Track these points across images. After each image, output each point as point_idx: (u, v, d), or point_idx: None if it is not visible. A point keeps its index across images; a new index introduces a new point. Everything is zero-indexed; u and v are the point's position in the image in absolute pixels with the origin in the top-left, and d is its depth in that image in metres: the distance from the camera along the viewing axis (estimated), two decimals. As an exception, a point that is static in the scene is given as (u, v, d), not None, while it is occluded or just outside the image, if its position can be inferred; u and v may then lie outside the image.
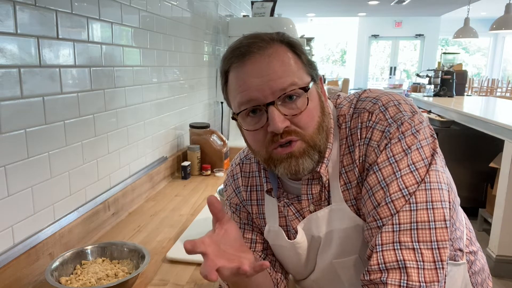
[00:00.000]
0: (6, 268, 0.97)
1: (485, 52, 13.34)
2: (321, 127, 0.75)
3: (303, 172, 0.75)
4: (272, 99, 0.71)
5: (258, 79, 0.71)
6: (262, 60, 0.71)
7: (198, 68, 2.43)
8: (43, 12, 1.08)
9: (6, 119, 0.98)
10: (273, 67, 0.71)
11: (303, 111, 0.72)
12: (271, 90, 0.71)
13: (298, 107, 0.72)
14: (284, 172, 0.75)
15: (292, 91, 0.71)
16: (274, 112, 0.70)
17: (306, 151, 0.74)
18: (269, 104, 0.71)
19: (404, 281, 0.64)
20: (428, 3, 8.55)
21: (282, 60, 0.72)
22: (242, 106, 0.73)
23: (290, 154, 0.73)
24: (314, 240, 0.83)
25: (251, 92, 0.71)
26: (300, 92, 0.72)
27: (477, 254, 0.91)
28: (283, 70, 0.71)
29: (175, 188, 1.89)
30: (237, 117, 0.76)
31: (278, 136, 0.72)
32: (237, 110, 0.75)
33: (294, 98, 0.72)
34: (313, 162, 0.75)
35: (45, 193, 1.13)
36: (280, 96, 0.71)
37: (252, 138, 0.76)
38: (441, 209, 0.68)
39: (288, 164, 0.74)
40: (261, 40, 0.73)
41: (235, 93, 0.74)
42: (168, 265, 1.18)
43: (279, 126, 0.70)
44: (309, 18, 11.68)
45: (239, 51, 0.73)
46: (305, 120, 0.73)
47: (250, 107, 0.73)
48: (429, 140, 0.73)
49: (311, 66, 0.77)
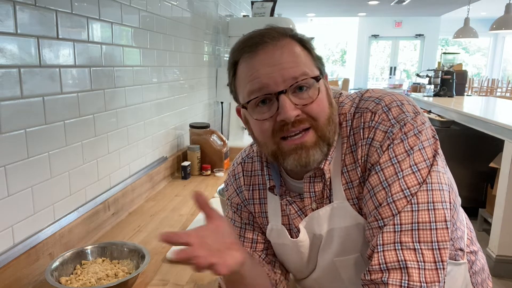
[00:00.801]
0: (6, 268, 0.97)
1: (485, 52, 13.35)
2: (331, 119, 0.75)
3: (312, 164, 0.74)
4: (284, 88, 0.71)
5: (270, 68, 0.71)
6: (275, 50, 0.72)
7: (198, 68, 2.43)
8: (43, 12, 1.08)
9: (6, 119, 0.98)
10: (285, 57, 0.72)
11: (314, 100, 0.72)
12: (283, 78, 0.71)
13: (310, 96, 0.72)
14: (294, 164, 0.74)
15: (304, 81, 0.72)
16: (285, 100, 0.70)
17: (317, 142, 0.74)
18: (280, 93, 0.71)
19: (405, 281, 0.64)
20: (428, 3, 8.55)
21: (294, 51, 0.73)
22: (253, 94, 0.73)
23: (301, 145, 0.73)
24: (315, 238, 0.83)
25: (262, 79, 0.71)
26: (311, 82, 0.72)
27: (478, 254, 0.92)
28: (295, 61, 0.72)
29: (175, 188, 1.89)
30: (247, 106, 0.75)
31: (289, 125, 0.71)
32: (246, 99, 0.75)
33: (305, 89, 0.72)
34: (323, 154, 0.75)
35: (45, 193, 1.13)
36: (292, 85, 0.71)
37: (260, 128, 0.76)
38: (442, 210, 0.68)
39: (298, 155, 0.73)
40: (273, 31, 0.75)
41: (245, 82, 0.74)
42: (168, 265, 1.18)
43: (291, 114, 0.70)
44: (309, 18, 11.68)
45: (252, 41, 0.74)
46: (317, 109, 0.72)
47: (262, 95, 0.72)
48: (431, 141, 0.73)
49: (320, 62, 0.78)
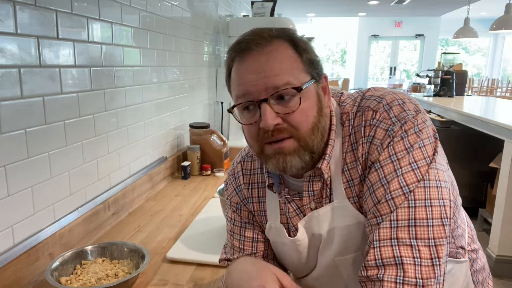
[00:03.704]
0: (6, 268, 0.97)
1: (485, 52, 13.35)
2: (316, 127, 0.75)
3: (290, 170, 0.76)
4: (265, 96, 0.72)
5: (254, 75, 0.73)
6: (260, 57, 0.73)
7: (198, 68, 2.43)
8: (43, 12, 1.08)
9: (6, 119, 0.98)
10: (270, 65, 0.72)
11: (296, 110, 0.73)
12: (265, 87, 0.72)
13: (290, 107, 0.73)
14: (272, 168, 0.77)
15: (285, 91, 0.72)
16: (266, 109, 0.72)
17: (296, 150, 0.75)
18: (262, 101, 0.72)
19: (401, 277, 0.65)
20: (428, 3, 8.56)
21: (281, 58, 0.73)
22: (239, 99, 0.76)
23: (279, 150, 0.74)
24: (314, 237, 0.83)
25: (246, 87, 0.73)
26: (293, 92, 0.73)
27: (478, 252, 0.92)
28: (280, 68, 0.72)
29: (175, 188, 1.89)
30: (232, 110, 0.79)
31: (269, 133, 0.73)
32: (234, 102, 0.78)
33: (287, 98, 0.73)
34: (302, 161, 0.76)
35: (45, 193, 1.13)
36: (273, 93, 0.72)
37: (247, 131, 0.79)
38: (439, 207, 0.68)
39: (276, 160, 0.75)
40: (260, 37, 0.74)
41: (234, 86, 0.77)
42: (168, 265, 1.18)
43: (269, 123, 0.71)
44: (309, 18, 11.69)
45: (239, 47, 0.75)
46: (298, 119, 0.73)
47: (245, 101, 0.75)
48: (431, 139, 0.73)
49: (312, 65, 0.76)
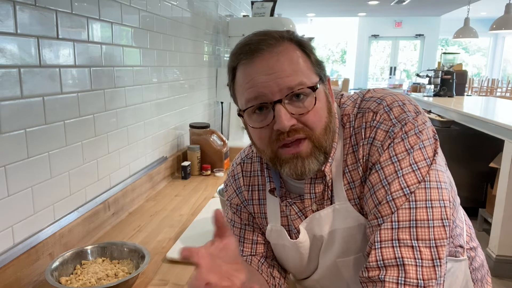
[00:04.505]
0: (6, 268, 0.97)
1: (485, 52, 13.35)
2: (329, 128, 0.74)
3: (308, 174, 0.75)
4: (280, 97, 0.70)
5: (266, 76, 0.70)
6: (271, 58, 0.71)
7: (198, 68, 2.43)
8: (43, 12, 1.08)
9: (6, 119, 0.97)
10: (281, 65, 0.71)
11: (311, 110, 0.71)
12: (279, 88, 0.70)
13: (306, 106, 0.72)
14: (290, 173, 0.75)
15: (300, 90, 0.71)
16: (281, 110, 0.70)
17: (312, 152, 0.73)
18: (276, 102, 0.70)
19: (402, 278, 0.65)
20: (428, 3, 8.55)
21: (291, 58, 0.72)
22: (249, 102, 0.73)
23: (296, 155, 0.73)
24: (316, 239, 0.83)
25: (258, 88, 0.71)
26: (308, 91, 0.72)
27: (477, 250, 0.92)
28: (292, 69, 0.71)
29: (175, 188, 1.89)
30: (243, 114, 0.76)
31: (285, 134, 0.71)
32: (243, 106, 0.75)
33: (301, 97, 0.71)
34: (319, 163, 0.75)
35: (45, 193, 1.13)
36: (287, 94, 0.71)
37: (258, 136, 0.76)
38: (439, 208, 0.68)
39: (294, 165, 0.73)
40: (270, 37, 0.73)
41: (243, 89, 0.74)
42: (168, 265, 1.18)
43: (286, 124, 0.70)
44: (309, 18, 11.68)
45: (248, 47, 0.73)
46: (313, 119, 0.72)
47: (257, 104, 0.72)
48: (431, 140, 0.73)
49: (319, 66, 0.76)
